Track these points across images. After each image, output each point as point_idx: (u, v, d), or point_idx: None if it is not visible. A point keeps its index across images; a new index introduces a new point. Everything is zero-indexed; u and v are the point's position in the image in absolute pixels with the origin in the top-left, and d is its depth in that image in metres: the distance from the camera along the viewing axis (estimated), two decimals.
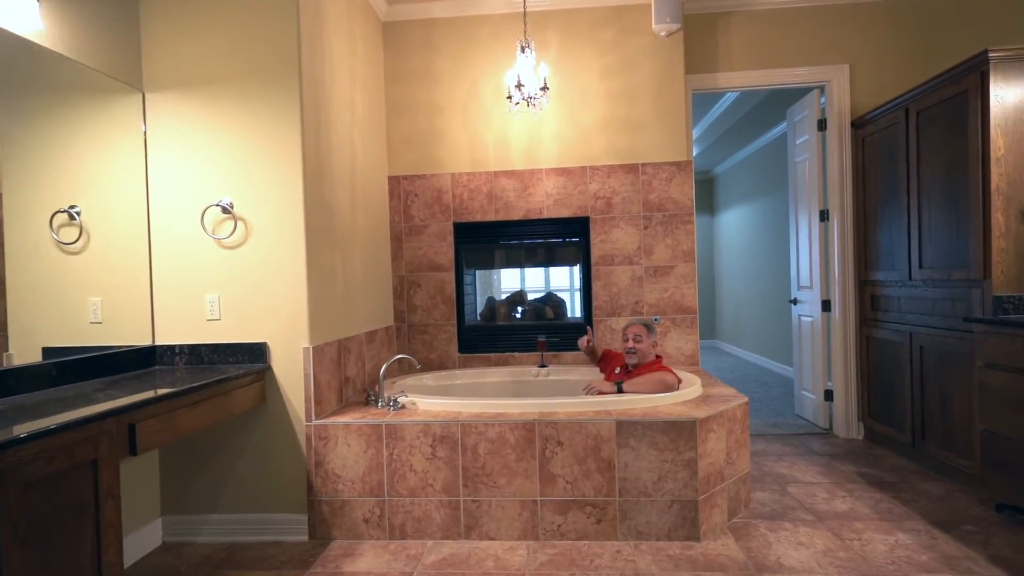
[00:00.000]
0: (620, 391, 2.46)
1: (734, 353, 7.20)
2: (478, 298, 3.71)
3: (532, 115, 3.08)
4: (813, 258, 3.61)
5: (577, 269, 3.54)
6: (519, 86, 2.69)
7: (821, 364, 3.56)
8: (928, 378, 2.80)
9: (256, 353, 2.27)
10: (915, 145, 2.83)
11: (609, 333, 3.34)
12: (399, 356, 2.62)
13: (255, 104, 2.26)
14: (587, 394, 2.53)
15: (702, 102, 5.01)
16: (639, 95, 3.30)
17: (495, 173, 3.37)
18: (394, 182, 3.42)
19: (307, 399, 2.27)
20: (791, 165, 3.90)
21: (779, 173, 5.44)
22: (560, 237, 3.44)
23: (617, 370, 2.82)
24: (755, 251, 6.33)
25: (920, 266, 2.82)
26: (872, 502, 2.47)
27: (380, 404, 2.46)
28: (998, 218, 2.39)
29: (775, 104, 4.82)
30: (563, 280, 3.65)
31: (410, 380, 3.03)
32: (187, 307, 2.30)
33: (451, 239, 3.41)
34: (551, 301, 3.63)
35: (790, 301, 3.96)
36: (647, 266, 3.32)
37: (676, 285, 3.31)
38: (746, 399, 2.44)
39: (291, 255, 2.26)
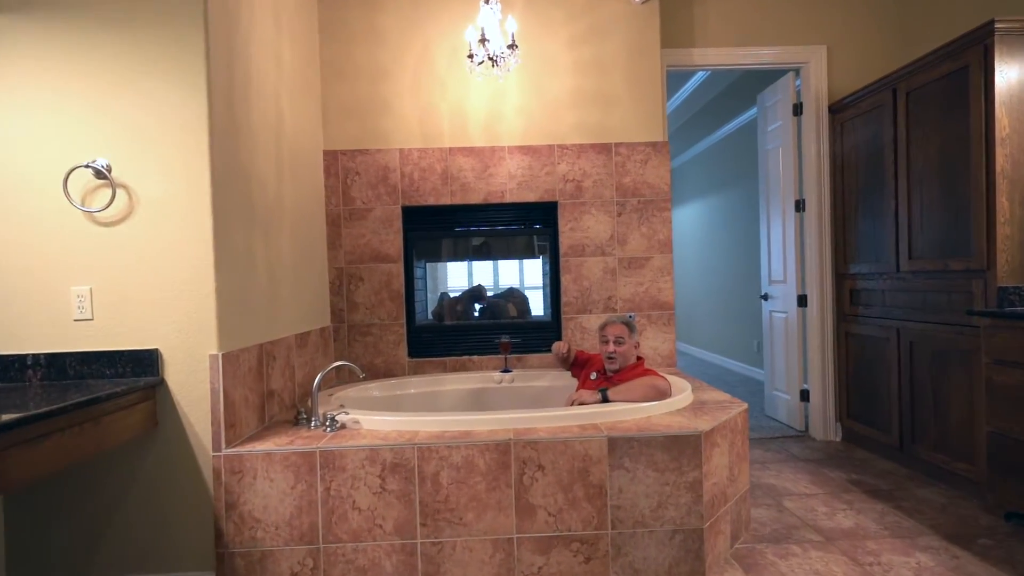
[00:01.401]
0: (605, 400, 2.10)
1: (687, 351, 7.10)
2: (430, 294, 3.25)
3: (497, 78, 2.67)
4: (788, 251, 3.41)
5: (542, 261, 3.17)
6: (483, 41, 2.27)
7: (797, 363, 3.37)
8: (919, 376, 2.63)
9: (144, 363, 1.72)
10: (904, 127, 2.66)
11: (580, 332, 2.98)
12: (338, 363, 2.14)
13: (141, 33, 1.71)
14: (571, 403, 2.16)
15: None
16: (611, 67, 2.97)
17: (451, 150, 2.93)
18: (331, 157, 2.91)
19: (215, 422, 1.74)
20: (761, 153, 3.71)
21: (741, 165, 5.30)
22: (525, 224, 3.05)
23: (594, 375, 2.46)
24: (713, 246, 6.21)
25: (910, 256, 2.65)
26: (876, 515, 2.24)
27: (314, 424, 1.97)
28: (1003, 202, 2.21)
29: (739, 92, 4.67)
30: (528, 274, 3.26)
31: (352, 392, 2.54)
32: (45, 304, 1.71)
33: (399, 225, 2.94)
34: (513, 297, 3.24)
35: (761, 297, 3.77)
36: (621, 257, 2.99)
37: (652, 278, 3.00)
38: (745, 405, 2.14)
39: (193, 233, 1.73)
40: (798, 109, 3.32)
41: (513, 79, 2.91)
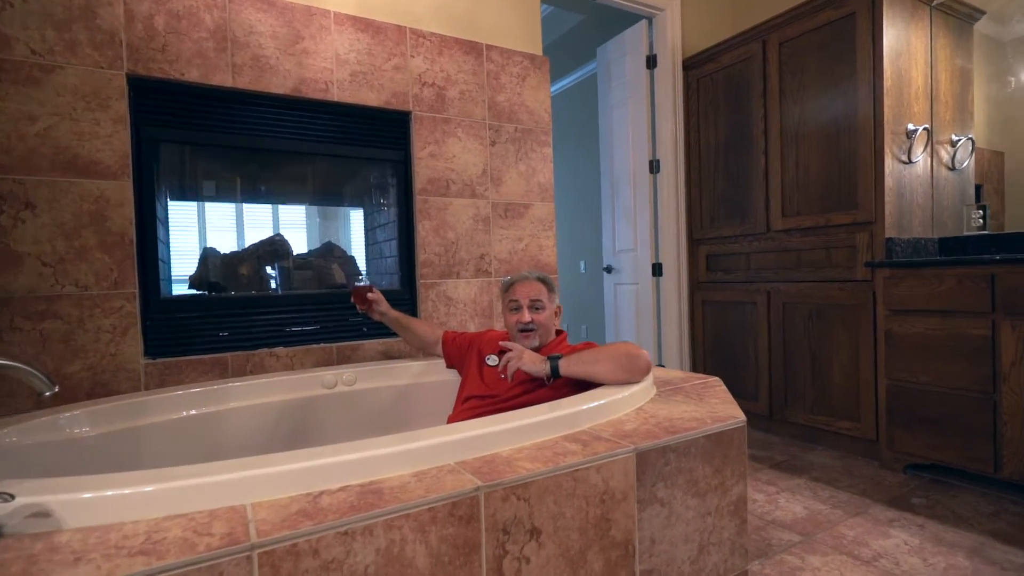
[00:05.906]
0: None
1: None
2: (185, 249, 1.90)
3: None
4: (639, 216, 3.12)
5: (364, 207, 2.15)
6: None
7: (652, 337, 3.10)
8: (793, 338, 2.54)
9: None
10: (777, 80, 2.56)
11: (444, 304, 2.08)
12: None
13: None
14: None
15: None
16: None
17: None
18: None
19: None
20: (604, 112, 3.38)
21: (569, 130, 4.76)
22: (361, 140, 1.98)
23: (493, 360, 1.61)
24: None
25: (783, 214, 2.55)
26: (810, 494, 1.97)
27: None
28: (887, 154, 2.20)
29: (574, 46, 4.29)
30: (361, 220, 2.18)
31: (13, 437, 1.12)
32: None
33: (123, 110, 1.56)
34: (334, 257, 2.12)
35: (604, 269, 3.43)
36: (496, 202, 2.20)
37: (532, 232, 2.29)
38: (719, 380, 1.60)
39: None
40: (652, 62, 3.06)
41: None
